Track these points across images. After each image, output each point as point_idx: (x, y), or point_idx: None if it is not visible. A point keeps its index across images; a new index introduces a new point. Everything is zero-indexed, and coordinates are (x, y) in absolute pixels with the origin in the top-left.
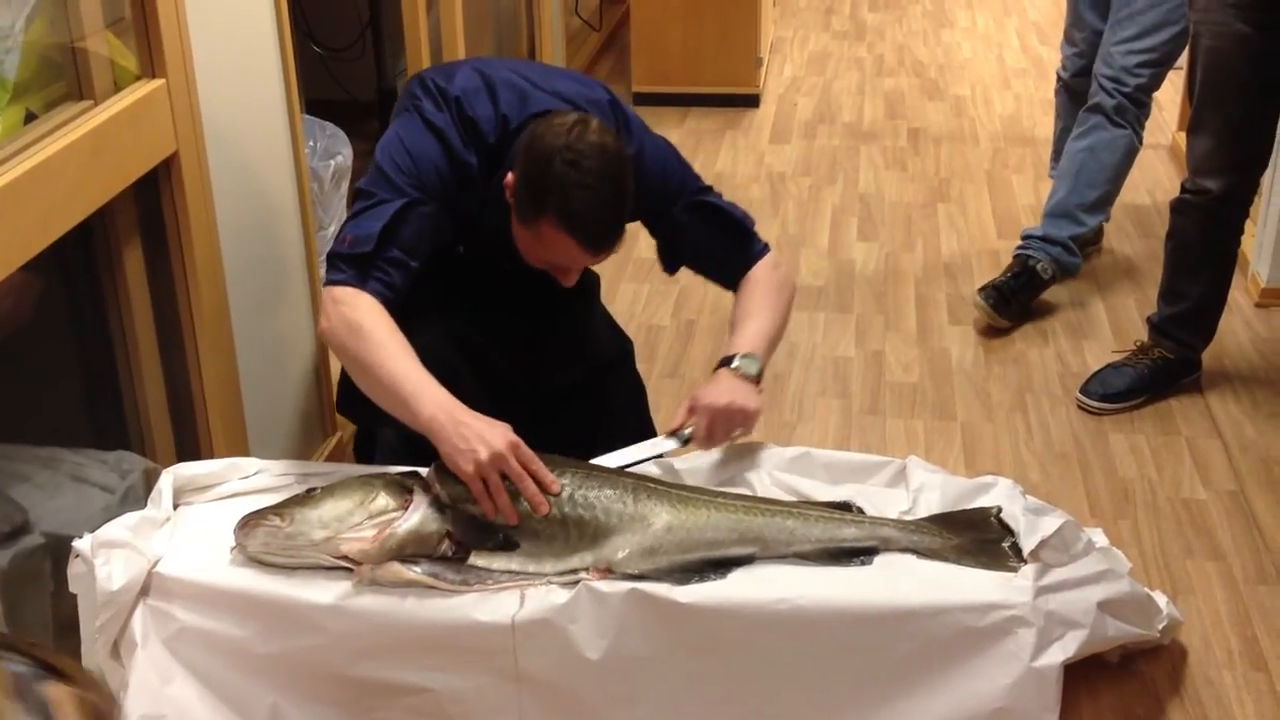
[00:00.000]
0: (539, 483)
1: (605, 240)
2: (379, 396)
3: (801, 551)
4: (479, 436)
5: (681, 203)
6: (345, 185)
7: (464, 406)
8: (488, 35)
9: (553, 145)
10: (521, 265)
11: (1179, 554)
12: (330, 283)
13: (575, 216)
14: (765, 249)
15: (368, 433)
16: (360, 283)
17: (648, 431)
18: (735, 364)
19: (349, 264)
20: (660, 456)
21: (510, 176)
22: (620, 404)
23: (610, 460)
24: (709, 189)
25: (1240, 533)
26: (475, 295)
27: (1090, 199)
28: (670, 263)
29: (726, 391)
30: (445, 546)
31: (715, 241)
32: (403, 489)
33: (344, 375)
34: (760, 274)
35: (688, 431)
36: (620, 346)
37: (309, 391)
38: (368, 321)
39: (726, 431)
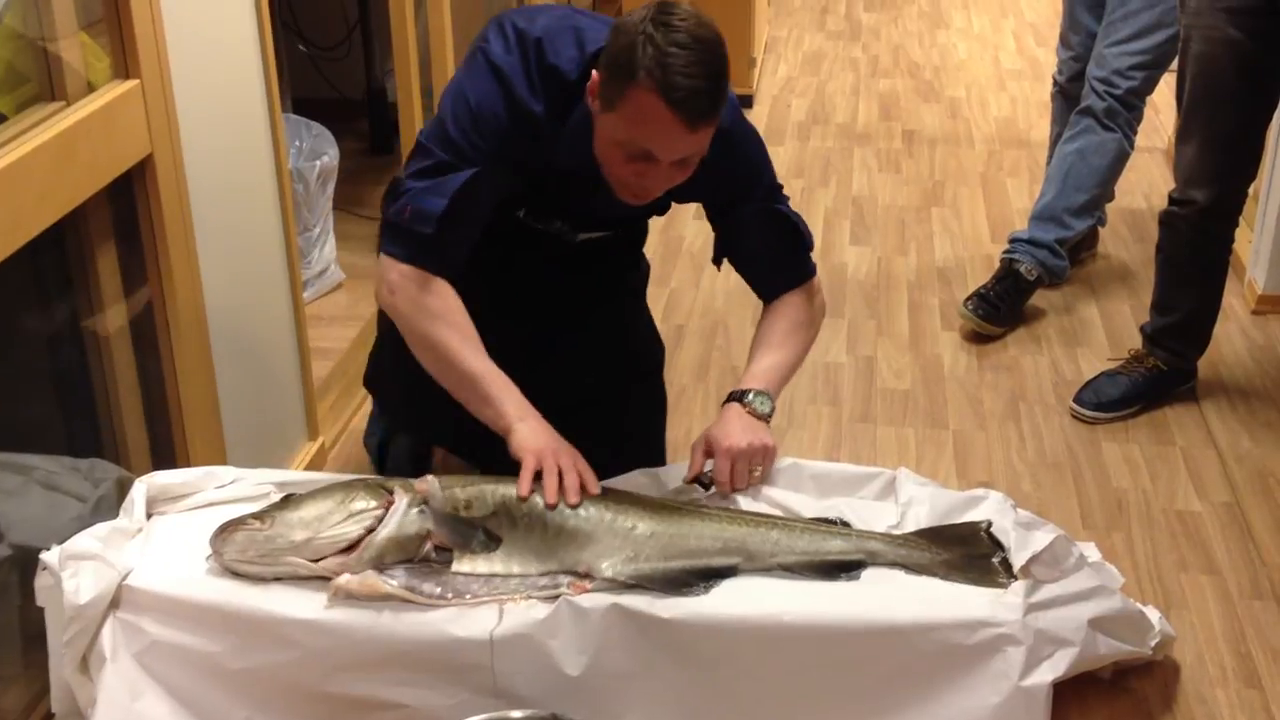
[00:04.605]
0: (584, 484)
1: (702, 107)
2: (453, 385)
3: (786, 563)
4: (549, 435)
5: (754, 204)
6: (331, 186)
7: (544, 419)
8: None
9: (640, 16)
10: (586, 221)
11: (1173, 567)
12: (389, 253)
13: (669, 76)
14: (813, 271)
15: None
16: (420, 261)
17: (657, 450)
18: (749, 400)
19: (408, 242)
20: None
21: (595, 75)
22: (640, 420)
23: None
24: (781, 191)
25: (1235, 546)
26: (524, 274)
27: (1078, 203)
28: (720, 258)
29: (744, 431)
30: (427, 549)
31: (773, 252)
32: (383, 490)
33: (376, 354)
34: (796, 301)
35: (708, 477)
36: (655, 357)
37: (289, 398)
38: (437, 305)
39: (747, 473)
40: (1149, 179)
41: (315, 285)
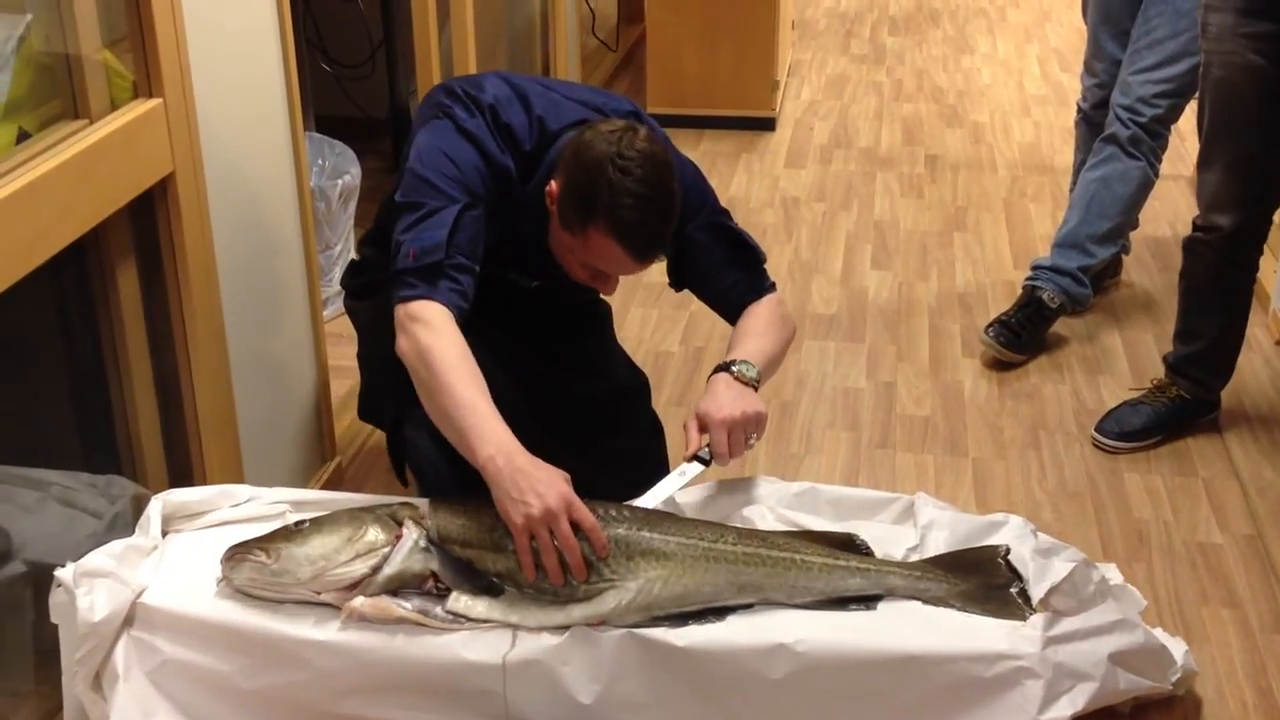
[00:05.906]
0: (590, 542)
1: (653, 248)
2: (441, 423)
3: (804, 603)
4: (533, 489)
5: (699, 220)
6: (353, 204)
7: (524, 450)
8: (501, 54)
9: (602, 152)
10: (542, 276)
11: (1194, 600)
12: (402, 299)
13: (625, 225)
14: (772, 286)
15: (396, 428)
16: (433, 293)
17: (662, 471)
18: (735, 367)
19: (419, 276)
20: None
21: (553, 185)
22: (640, 438)
23: (640, 503)
24: (727, 212)
25: (1257, 579)
26: (490, 316)
27: (1101, 230)
28: (677, 280)
29: (734, 400)
30: (431, 585)
31: (726, 266)
32: (393, 522)
33: (364, 384)
34: (766, 306)
35: (707, 451)
36: (636, 379)
37: (308, 416)
38: (439, 344)
39: (744, 441)
40: (1174, 207)
41: (335, 303)
